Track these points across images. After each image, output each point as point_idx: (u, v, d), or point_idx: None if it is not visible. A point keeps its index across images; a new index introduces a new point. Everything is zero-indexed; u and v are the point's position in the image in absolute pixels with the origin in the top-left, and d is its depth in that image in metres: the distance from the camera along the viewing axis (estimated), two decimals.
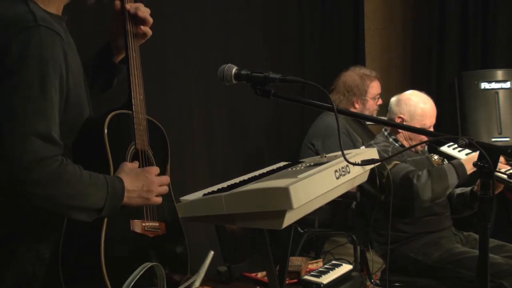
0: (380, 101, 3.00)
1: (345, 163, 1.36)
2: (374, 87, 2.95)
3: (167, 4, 2.43)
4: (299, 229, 2.77)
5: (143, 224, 1.33)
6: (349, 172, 1.43)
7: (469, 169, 2.08)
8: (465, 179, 2.12)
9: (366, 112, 2.94)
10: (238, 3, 3.00)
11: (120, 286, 1.20)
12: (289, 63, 3.53)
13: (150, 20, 1.40)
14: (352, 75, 2.98)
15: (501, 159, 2.15)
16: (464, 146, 1.17)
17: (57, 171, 1.09)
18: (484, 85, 3.44)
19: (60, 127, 1.15)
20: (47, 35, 1.09)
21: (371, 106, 2.95)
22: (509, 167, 2.20)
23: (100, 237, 1.21)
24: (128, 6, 1.37)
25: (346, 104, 2.93)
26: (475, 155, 1.97)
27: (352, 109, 2.94)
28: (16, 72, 1.07)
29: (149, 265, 1.19)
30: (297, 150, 3.04)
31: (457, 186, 2.32)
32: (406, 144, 2.29)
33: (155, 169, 1.30)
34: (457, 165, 2.11)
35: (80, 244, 1.24)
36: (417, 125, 2.21)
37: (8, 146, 1.05)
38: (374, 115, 2.96)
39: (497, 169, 2.04)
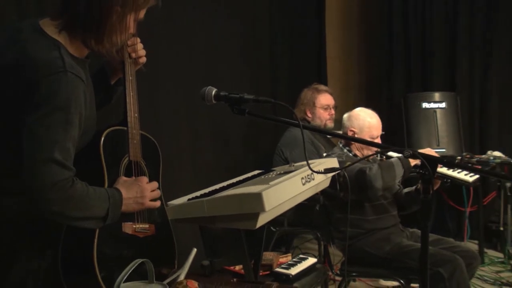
0: (332, 112, 3.03)
1: (310, 171, 1.37)
2: (321, 99, 3.01)
3: (160, 36, 2.43)
4: (271, 228, 2.76)
5: (134, 226, 1.31)
6: (313, 179, 1.44)
7: (412, 162, 2.13)
8: (409, 171, 2.15)
9: (318, 121, 3.01)
10: (221, 34, 3.02)
11: (110, 279, 1.19)
12: (263, 85, 3.56)
13: (143, 54, 1.41)
14: (305, 90, 3.07)
15: None
16: (409, 157, 1.21)
17: (69, 191, 1.11)
18: (425, 105, 3.56)
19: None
20: (73, 80, 1.12)
21: (321, 115, 3.00)
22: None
23: (94, 237, 1.21)
24: (130, 41, 1.36)
25: (299, 113, 2.99)
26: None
27: (306, 118, 3.00)
28: (44, 106, 1.08)
29: (140, 261, 1.17)
30: (270, 160, 3.05)
31: (406, 184, 2.36)
32: (358, 154, 2.33)
33: (145, 178, 1.31)
34: (402, 159, 2.16)
35: (76, 242, 1.22)
36: (366, 136, 2.29)
37: (30, 168, 1.08)
38: (328, 123, 3.01)
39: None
